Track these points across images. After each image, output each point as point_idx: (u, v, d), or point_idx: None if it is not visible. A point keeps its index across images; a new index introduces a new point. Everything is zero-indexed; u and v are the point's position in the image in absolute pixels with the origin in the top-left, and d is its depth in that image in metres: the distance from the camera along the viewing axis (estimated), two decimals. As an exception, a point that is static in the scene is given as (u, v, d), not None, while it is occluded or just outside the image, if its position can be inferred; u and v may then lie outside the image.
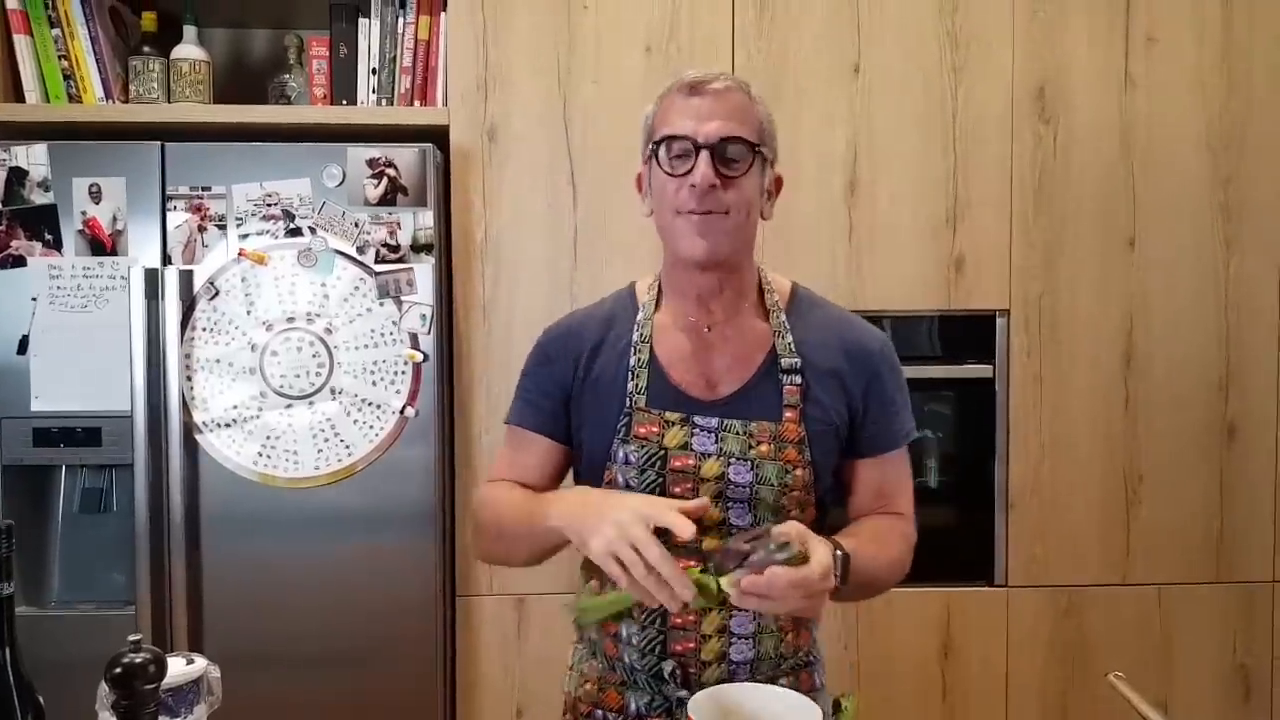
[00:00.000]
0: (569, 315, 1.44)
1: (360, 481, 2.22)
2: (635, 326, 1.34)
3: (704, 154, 1.22)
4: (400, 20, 2.37)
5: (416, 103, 2.38)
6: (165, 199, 2.18)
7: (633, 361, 1.31)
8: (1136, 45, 2.39)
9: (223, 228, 2.18)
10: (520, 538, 1.29)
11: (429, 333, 2.21)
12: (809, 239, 2.37)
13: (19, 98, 2.32)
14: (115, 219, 2.18)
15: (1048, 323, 2.40)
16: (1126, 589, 2.43)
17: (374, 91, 2.38)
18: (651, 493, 1.28)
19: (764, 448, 1.27)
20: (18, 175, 2.16)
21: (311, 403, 2.20)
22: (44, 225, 2.17)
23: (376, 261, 2.20)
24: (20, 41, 2.31)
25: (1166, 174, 2.40)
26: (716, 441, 1.27)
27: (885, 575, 1.30)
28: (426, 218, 2.20)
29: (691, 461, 1.28)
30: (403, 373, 2.21)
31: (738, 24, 2.34)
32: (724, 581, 1.07)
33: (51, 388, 2.18)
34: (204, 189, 2.18)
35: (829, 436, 1.31)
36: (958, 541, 2.48)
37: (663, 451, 1.28)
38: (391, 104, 2.38)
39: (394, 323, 2.20)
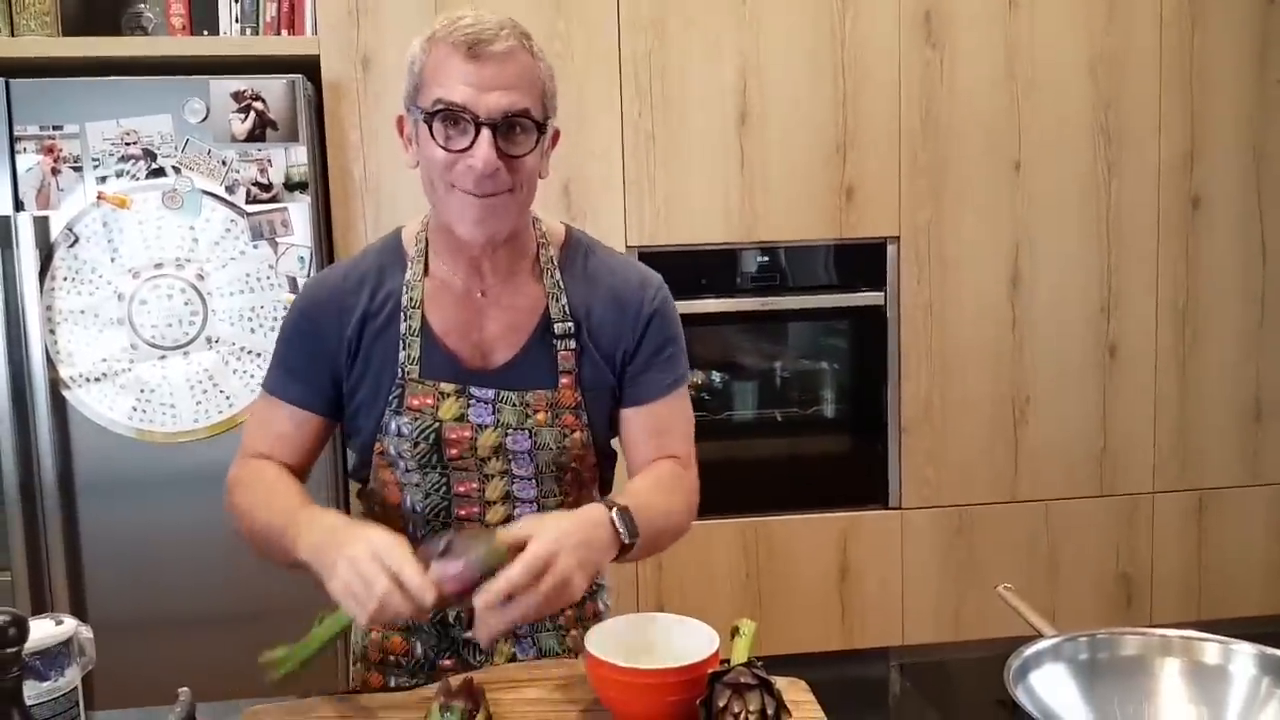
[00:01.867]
0: (330, 270, 1.32)
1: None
2: (405, 287, 1.24)
3: (485, 133, 1.11)
4: (264, -57, 2.23)
5: (284, 32, 2.25)
6: (13, 140, 2.03)
7: (403, 329, 1.23)
8: (1020, -32, 2.40)
9: (79, 170, 2.05)
10: (272, 552, 1.18)
11: (309, 275, 2.12)
12: (700, 170, 2.33)
13: None
14: (-43, 163, 2.02)
15: (936, 249, 2.42)
16: (1015, 506, 2.51)
17: (237, 21, 2.24)
18: (426, 460, 1.23)
19: (540, 416, 1.24)
20: None
21: (187, 353, 2.10)
22: (-124, 171, 2.01)
23: (248, 202, 2.09)
24: None
25: (1051, 98, 2.43)
26: (493, 413, 1.22)
27: (673, 524, 1.24)
28: (300, 154, 2.10)
29: (468, 434, 1.22)
30: (282, 318, 2.11)
31: (622, -52, 2.27)
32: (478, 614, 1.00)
33: (-102, 346, 2.04)
34: (55, 128, 2.04)
35: (604, 396, 1.28)
36: (853, 467, 2.52)
37: (437, 424, 1.22)
38: (257, 34, 2.24)
39: (270, 266, 2.11)
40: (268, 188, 2.09)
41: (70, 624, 1.12)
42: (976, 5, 2.38)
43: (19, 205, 2.04)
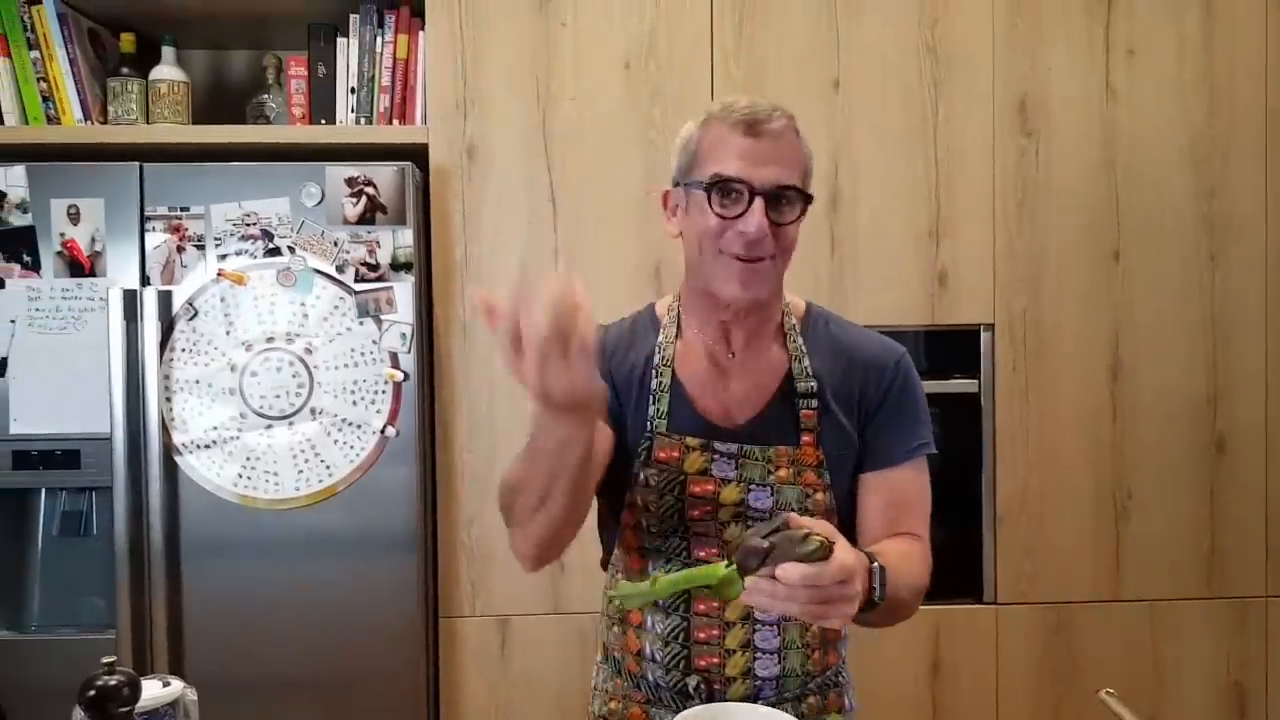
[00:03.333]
0: (602, 326, 1.38)
1: (341, 502, 2.20)
2: (657, 348, 1.33)
3: (759, 202, 1.21)
4: (379, 39, 2.37)
5: (395, 122, 2.37)
6: (144, 220, 2.17)
7: (654, 385, 1.31)
8: (1117, 57, 2.39)
9: (201, 248, 2.18)
10: (534, 475, 1.13)
11: (409, 352, 2.20)
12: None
13: (-2, 120, 2.32)
14: (94, 240, 2.17)
15: (1033, 336, 2.38)
16: (1117, 605, 2.41)
17: (353, 111, 2.38)
18: (669, 517, 1.29)
19: (783, 472, 1.28)
20: (-4, 197, 2.16)
21: (291, 423, 2.18)
22: (22, 247, 2.16)
23: (356, 280, 2.18)
24: (-1, 64, 2.31)
25: (1150, 187, 2.39)
26: (736, 468, 1.28)
27: (910, 599, 1.24)
28: (406, 236, 2.19)
29: (711, 487, 1.28)
30: (383, 392, 2.19)
31: (716, 40, 2.34)
32: (747, 581, 1.03)
33: (30, 410, 2.17)
34: (182, 209, 2.18)
35: (847, 459, 1.32)
36: (946, 559, 2.42)
37: (682, 476, 1.28)
38: (370, 123, 2.37)
39: (374, 342, 2.19)
40: (375, 267, 2.18)
41: (177, 686, 1.17)
42: (1073, 93, 2.38)
43: (145, 280, 2.17)
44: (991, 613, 2.40)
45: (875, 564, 1.10)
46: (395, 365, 2.19)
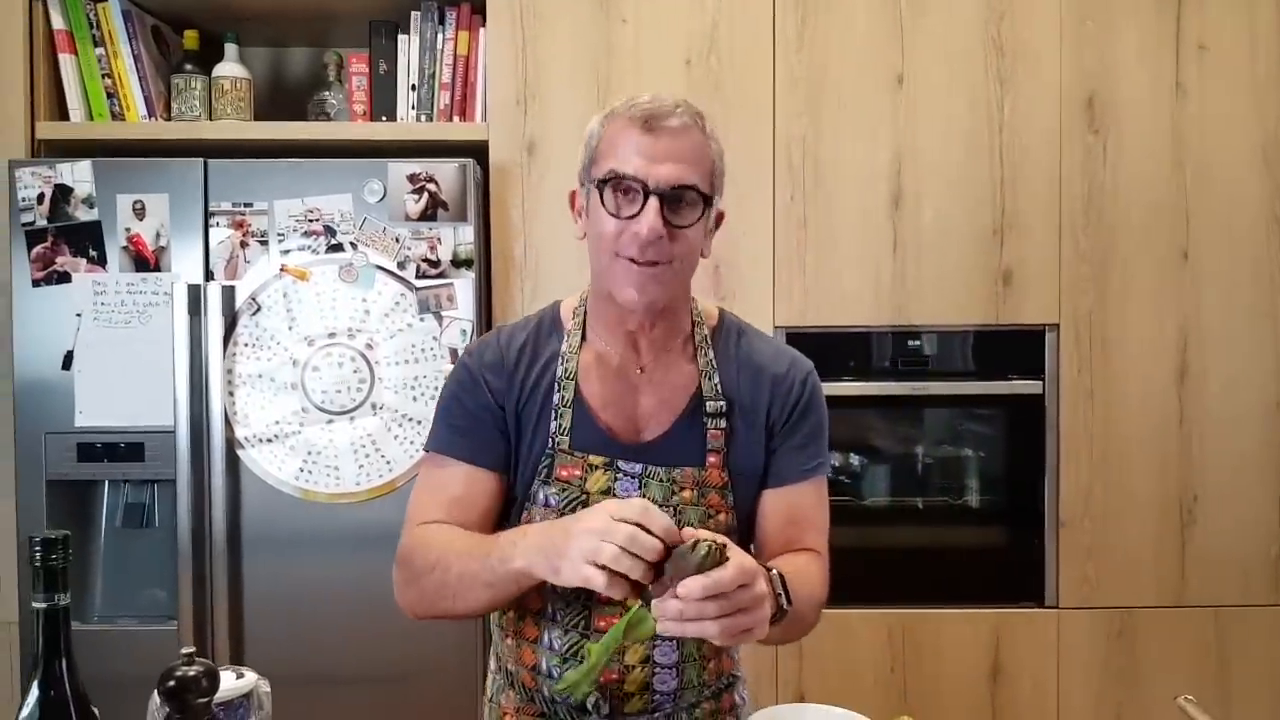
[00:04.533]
0: (492, 334, 1.36)
1: (401, 497, 2.19)
2: (560, 358, 1.27)
3: (653, 201, 1.15)
4: (440, 36, 2.37)
5: (456, 118, 2.37)
6: (208, 215, 2.19)
7: (557, 399, 1.25)
8: (1188, 53, 2.34)
9: (265, 244, 2.19)
10: (475, 586, 1.15)
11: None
12: (852, 253, 2.33)
13: (63, 116, 2.34)
14: (159, 235, 2.19)
15: (1098, 338, 2.34)
16: (1182, 610, 2.36)
17: (414, 108, 2.38)
18: None
19: (687, 494, 1.24)
20: (63, 192, 2.18)
21: (353, 418, 2.19)
22: (88, 242, 2.19)
23: (417, 277, 2.19)
24: (65, 60, 2.33)
25: (1221, 185, 2.34)
26: (640, 487, 1.23)
27: (810, 611, 1.21)
28: (467, 233, 2.19)
29: None
30: (443, 384, 2.19)
31: (778, 35, 2.32)
32: (655, 609, 1.00)
33: (95, 403, 2.19)
34: (246, 205, 2.19)
35: (752, 483, 1.28)
36: (1007, 562, 2.42)
37: (584, 496, 1.22)
38: (431, 120, 2.37)
39: (435, 338, 2.19)
40: (436, 264, 2.18)
41: (251, 677, 1.17)
42: (1142, 91, 2.33)
43: (209, 275, 2.19)
44: (1053, 616, 2.36)
45: (774, 571, 1.09)
46: (455, 361, 2.19)
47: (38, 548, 0.95)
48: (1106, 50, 2.33)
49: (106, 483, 2.28)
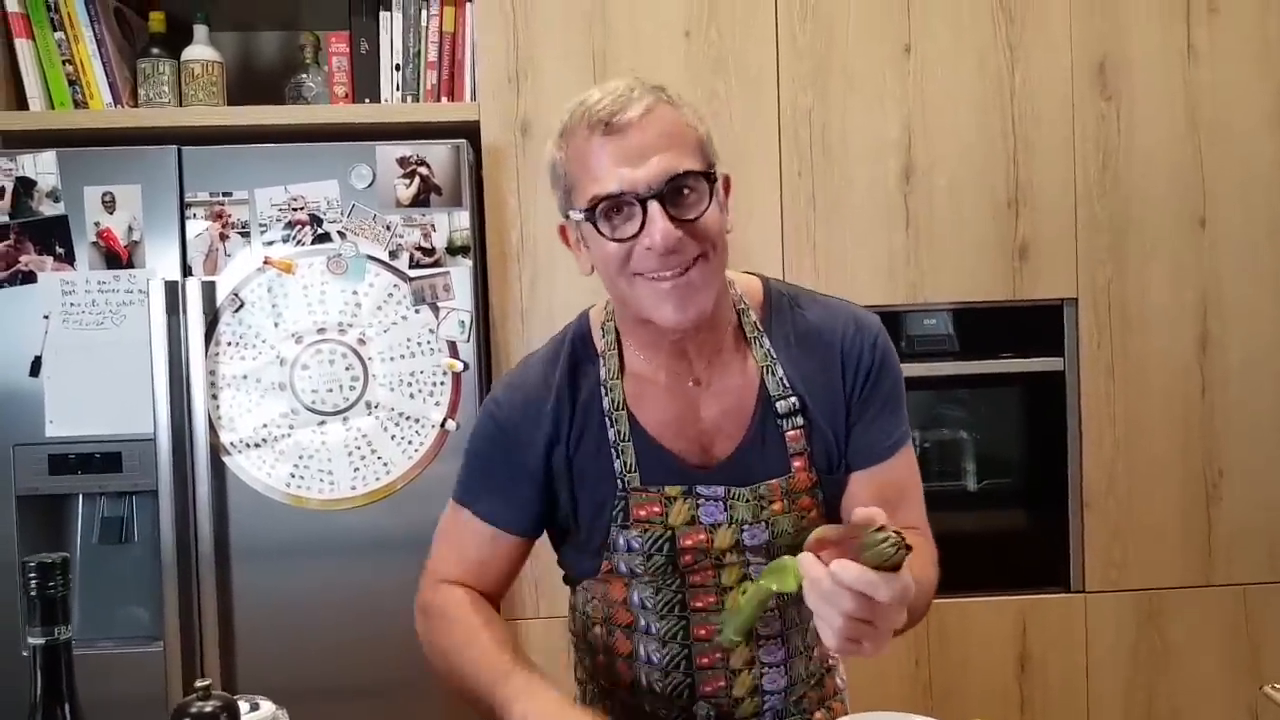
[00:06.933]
0: (522, 371, 1.22)
1: (399, 501, 2.08)
2: (604, 389, 1.14)
3: (654, 207, 1.00)
4: (424, 12, 2.24)
5: (444, 99, 2.25)
6: (184, 206, 2.05)
7: (613, 435, 1.13)
8: (1198, 15, 2.27)
9: (246, 235, 2.05)
10: (472, 701, 1.12)
11: (468, 340, 2.08)
12: (863, 228, 2.24)
13: (21, 105, 2.19)
14: (131, 229, 2.04)
15: (1118, 310, 2.27)
16: (1210, 590, 2.30)
17: (398, 89, 2.26)
18: (661, 574, 1.14)
19: (777, 505, 1.12)
20: (25, 185, 2.03)
21: (346, 418, 2.06)
22: (54, 238, 2.04)
23: (411, 266, 2.06)
24: (22, 46, 2.18)
25: (1236, 149, 2.28)
26: (725, 509, 1.12)
27: (925, 602, 1.13)
28: (462, 218, 2.07)
29: (703, 536, 1.12)
30: (441, 383, 2.07)
31: (781, 4, 2.22)
32: (803, 560, 0.90)
33: (67, 411, 2.04)
34: (225, 194, 2.05)
35: (839, 469, 1.18)
36: (1030, 546, 2.35)
37: (669, 532, 1.12)
38: (417, 101, 2.25)
39: (431, 330, 2.07)
40: (430, 252, 2.06)
41: (268, 709, 1.09)
42: (1153, 54, 2.26)
43: (187, 270, 2.05)
44: (1080, 601, 2.29)
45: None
46: (454, 355, 2.07)
47: (34, 574, 0.83)
48: (1116, 12, 2.26)
49: (81, 496, 2.13)
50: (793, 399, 1.14)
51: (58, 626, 0.83)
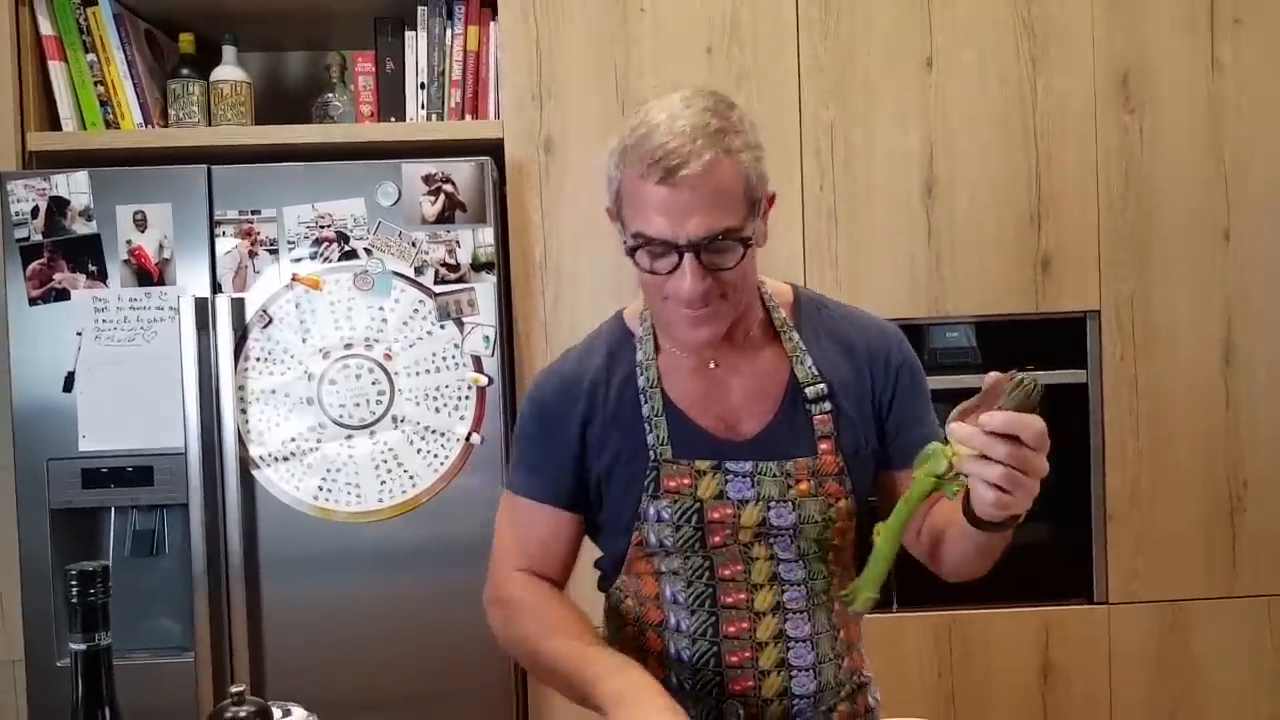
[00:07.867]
0: (561, 360, 1.30)
1: (426, 513, 2.11)
2: (639, 369, 1.22)
3: (688, 261, 1.07)
4: (448, 32, 2.27)
5: (468, 116, 2.28)
6: (213, 224, 2.09)
7: (646, 410, 1.20)
8: (1223, 27, 2.27)
9: (274, 252, 2.08)
10: (560, 683, 1.17)
11: (493, 355, 2.10)
12: (885, 242, 2.25)
13: (55, 126, 2.23)
14: (162, 247, 2.08)
15: (1141, 323, 2.27)
16: (1234, 601, 2.29)
17: (423, 107, 2.28)
18: (688, 546, 1.19)
19: (803, 485, 1.18)
20: (59, 205, 2.07)
21: (372, 432, 2.09)
22: (87, 256, 2.08)
23: (436, 282, 2.09)
24: (55, 68, 2.22)
25: (1261, 162, 2.28)
26: (753, 486, 1.18)
27: (1002, 542, 1.18)
28: (487, 235, 2.10)
29: (730, 511, 1.18)
30: (466, 398, 2.10)
31: (802, 19, 2.23)
32: (951, 426, 0.98)
33: (100, 426, 2.08)
34: (253, 212, 2.08)
35: (867, 461, 1.24)
36: (1054, 558, 2.34)
37: (698, 504, 1.17)
38: (442, 119, 2.27)
39: (456, 345, 2.09)
40: (455, 268, 2.09)
41: (300, 714, 1.11)
42: (1178, 67, 2.26)
43: (217, 287, 2.08)
44: (1103, 612, 2.29)
45: None
46: (479, 369, 2.10)
47: (75, 582, 0.86)
48: (1139, 26, 2.26)
49: (113, 509, 2.16)
50: (821, 385, 1.21)
51: (98, 633, 0.86)
